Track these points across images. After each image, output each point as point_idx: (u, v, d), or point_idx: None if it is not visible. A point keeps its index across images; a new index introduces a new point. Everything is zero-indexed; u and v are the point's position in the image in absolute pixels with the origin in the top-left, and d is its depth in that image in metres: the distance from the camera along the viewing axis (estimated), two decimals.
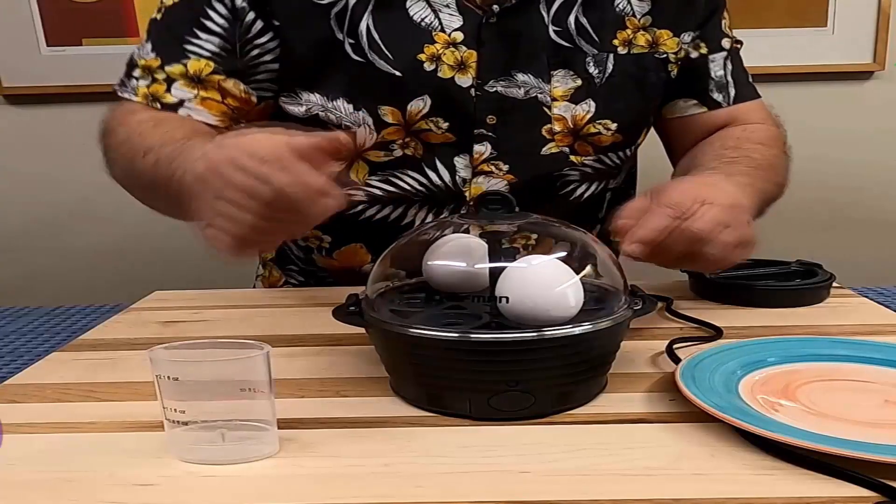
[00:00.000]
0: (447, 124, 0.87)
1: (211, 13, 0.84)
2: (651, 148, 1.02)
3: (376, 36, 0.84)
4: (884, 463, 0.44)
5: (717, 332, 0.71)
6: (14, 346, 0.82)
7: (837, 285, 0.87)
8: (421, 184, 0.89)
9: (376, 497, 0.45)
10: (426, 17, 0.85)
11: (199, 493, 0.46)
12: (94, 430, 0.55)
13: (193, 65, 0.84)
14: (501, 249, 0.58)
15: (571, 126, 0.89)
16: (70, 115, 1.59)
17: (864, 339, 0.67)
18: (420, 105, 0.86)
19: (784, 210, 1.79)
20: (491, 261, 0.57)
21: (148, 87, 0.84)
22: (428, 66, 0.85)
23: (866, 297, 0.86)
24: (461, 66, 0.85)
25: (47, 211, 1.66)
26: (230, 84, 0.85)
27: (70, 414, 0.58)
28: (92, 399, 0.61)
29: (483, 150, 0.88)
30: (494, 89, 0.86)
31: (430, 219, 0.91)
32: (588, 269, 0.58)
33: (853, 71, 1.59)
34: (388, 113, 0.86)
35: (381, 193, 0.90)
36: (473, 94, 0.86)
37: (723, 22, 0.95)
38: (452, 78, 0.85)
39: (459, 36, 0.85)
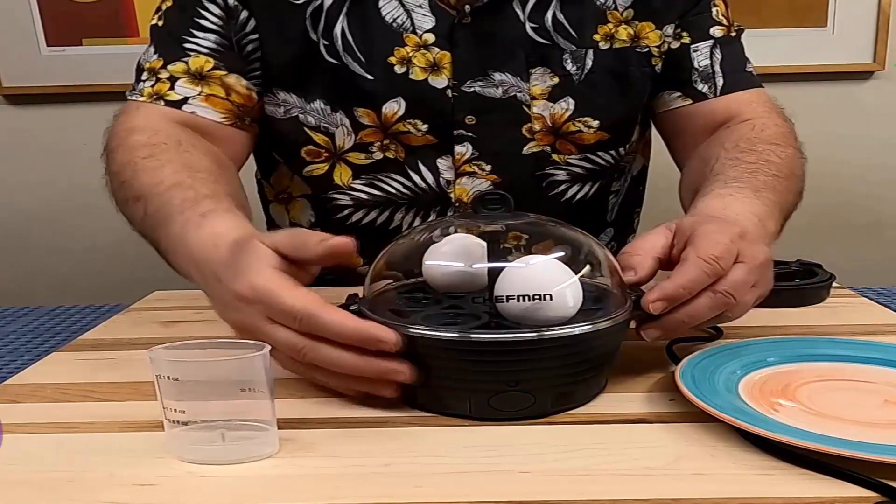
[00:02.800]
0: (426, 126, 0.87)
1: (205, 12, 0.85)
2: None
3: (350, 38, 0.84)
4: (884, 463, 0.44)
5: (717, 332, 0.71)
6: (14, 346, 0.82)
7: (837, 285, 0.87)
8: (405, 187, 0.89)
9: (376, 497, 0.45)
10: (399, 16, 0.84)
11: (199, 493, 0.46)
12: (94, 430, 0.55)
13: (194, 62, 0.84)
14: (500, 249, 0.58)
15: (550, 125, 0.88)
16: (70, 115, 1.59)
17: (864, 339, 0.67)
18: (395, 107, 0.85)
19: None
20: (490, 261, 0.57)
21: (152, 86, 0.84)
22: (399, 69, 0.85)
23: (866, 297, 0.86)
24: (434, 68, 0.85)
25: (47, 211, 1.66)
26: (232, 80, 0.85)
27: (70, 414, 0.58)
28: (92, 399, 0.61)
29: (464, 150, 0.88)
30: (472, 89, 0.86)
31: (416, 223, 0.91)
32: (587, 268, 0.58)
33: (853, 71, 1.59)
34: (363, 115, 0.86)
35: (366, 197, 0.91)
36: (450, 95, 0.86)
37: (713, 10, 0.91)
38: (426, 80, 0.85)
39: (431, 37, 0.85)
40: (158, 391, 0.49)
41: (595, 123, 0.89)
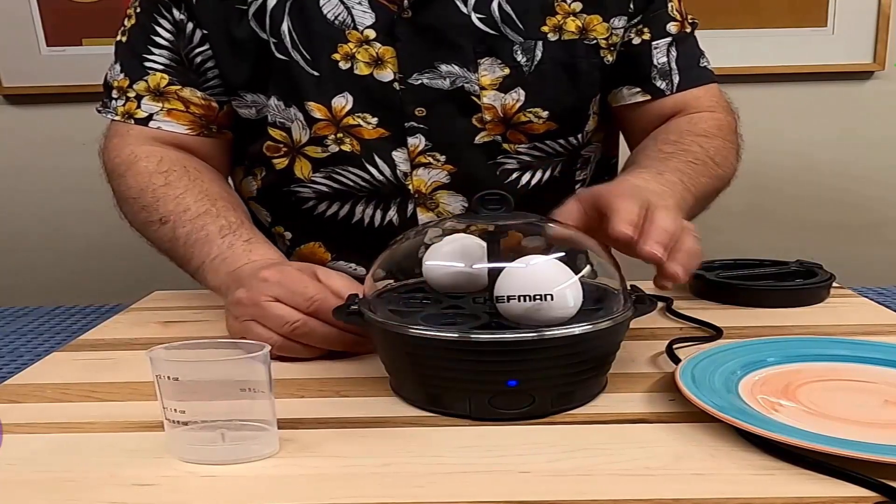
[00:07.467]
0: (376, 119, 0.87)
1: (158, 29, 0.88)
2: None
3: (296, 36, 0.85)
4: (884, 463, 0.45)
5: (717, 332, 0.71)
6: (14, 346, 0.82)
7: (837, 285, 0.87)
8: (364, 179, 0.90)
9: (376, 497, 0.45)
10: (339, 14, 0.85)
11: (199, 493, 0.46)
12: (94, 430, 0.55)
13: (153, 79, 0.88)
14: (500, 249, 0.58)
15: (501, 115, 0.89)
16: (70, 115, 1.59)
17: (864, 339, 0.67)
18: (342, 102, 0.86)
19: (784, 210, 1.79)
20: (489, 261, 0.57)
21: (123, 105, 0.89)
22: (343, 65, 0.86)
23: (866, 297, 0.86)
24: (378, 62, 0.86)
25: (47, 211, 1.66)
26: (187, 93, 0.89)
27: (70, 414, 0.58)
28: (92, 399, 0.61)
29: (417, 142, 0.89)
30: (419, 81, 0.86)
31: (378, 215, 0.92)
32: (587, 268, 0.58)
33: (853, 71, 1.60)
34: (315, 109, 0.87)
35: (327, 190, 0.91)
36: (398, 88, 0.86)
37: (669, 5, 0.93)
38: (371, 74, 0.86)
39: (372, 33, 0.85)
40: (158, 391, 0.49)
41: (545, 114, 0.90)
